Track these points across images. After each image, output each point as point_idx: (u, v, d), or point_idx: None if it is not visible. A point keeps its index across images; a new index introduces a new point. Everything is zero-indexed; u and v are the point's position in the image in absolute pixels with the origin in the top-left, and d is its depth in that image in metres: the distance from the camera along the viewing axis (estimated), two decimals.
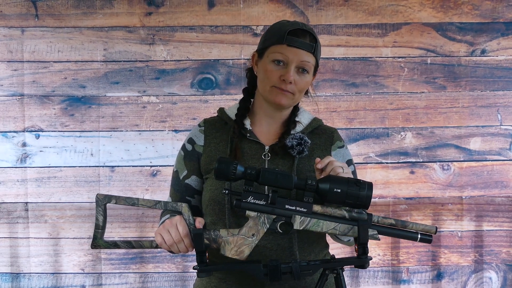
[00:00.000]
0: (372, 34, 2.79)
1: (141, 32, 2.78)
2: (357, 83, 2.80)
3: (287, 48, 1.52)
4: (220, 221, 1.56)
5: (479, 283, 2.82)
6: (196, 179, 1.63)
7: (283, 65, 1.53)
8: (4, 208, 2.77)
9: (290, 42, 1.51)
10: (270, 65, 1.54)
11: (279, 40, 1.53)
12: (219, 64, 2.80)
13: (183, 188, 1.63)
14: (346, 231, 1.41)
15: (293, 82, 1.52)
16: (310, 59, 1.54)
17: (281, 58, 1.52)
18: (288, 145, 1.56)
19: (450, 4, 2.79)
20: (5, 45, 2.76)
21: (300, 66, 1.53)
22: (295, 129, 1.62)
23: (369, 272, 2.81)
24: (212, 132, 1.64)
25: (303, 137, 1.56)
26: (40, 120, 2.77)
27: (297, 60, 1.52)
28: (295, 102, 1.61)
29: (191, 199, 1.63)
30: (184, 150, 1.66)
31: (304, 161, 1.58)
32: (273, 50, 1.54)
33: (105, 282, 2.79)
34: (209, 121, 1.68)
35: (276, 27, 1.58)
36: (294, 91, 1.54)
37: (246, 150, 1.59)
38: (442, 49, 2.80)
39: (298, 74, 1.54)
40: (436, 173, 2.81)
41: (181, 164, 1.65)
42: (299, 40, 1.52)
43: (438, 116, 2.81)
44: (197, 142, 1.64)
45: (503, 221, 2.82)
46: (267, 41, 1.57)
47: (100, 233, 1.43)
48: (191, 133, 1.67)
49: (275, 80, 1.53)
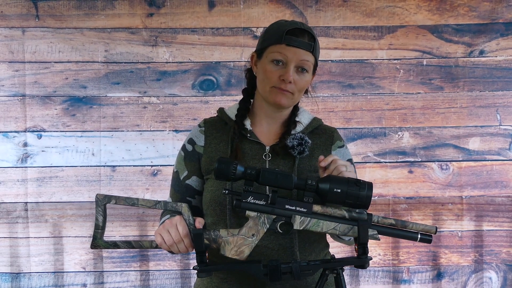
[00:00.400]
0: (368, 36, 2.81)
1: (144, 34, 2.78)
2: (354, 84, 2.81)
3: (286, 48, 1.51)
4: (221, 222, 1.56)
5: (479, 283, 2.83)
6: (197, 180, 1.62)
7: (282, 65, 1.52)
8: (4, 208, 2.77)
9: (288, 42, 1.51)
10: (269, 65, 1.53)
11: (277, 40, 1.52)
12: (220, 66, 2.80)
13: (184, 188, 1.63)
14: (346, 231, 1.41)
15: (292, 82, 1.52)
16: (309, 58, 1.53)
17: (280, 58, 1.51)
18: (288, 145, 1.55)
19: (446, 7, 2.80)
20: (6, 45, 2.77)
21: (299, 66, 1.52)
22: (295, 129, 1.61)
23: (369, 272, 2.82)
24: (212, 133, 1.63)
25: (304, 137, 1.56)
26: (42, 120, 2.78)
27: (296, 60, 1.51)
28: (295, 102, 1.60)
29: (192, 200, 1.63)
30: (184, 151, 1.65)
31: (305, 161, 1.58)
32: (272, 50, 1.53)
33: (107, 280, 2.79)
34: (209, 121, 1.67)
35: (274, 27, 1.57)
36: (294, 90, 1.54)
37: (246, 150, 1.59)
38: (438, 51, 2.81)
39: (298, 73, 1.53)
40: (435, 173, 2.81)
41: (181, 165, 1.64)
42: (298, 39, 1.51)
43: (436, 117, 2.81)
44: (198, 142, 1.63)
45: (503, 221, 2.82)
46: (266, 41, 1.56)
47: (100, 233, 1.43)
48: (191, 133, 1.67)
49: (275, 80, 1.52)
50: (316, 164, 1.51)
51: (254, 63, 1.61)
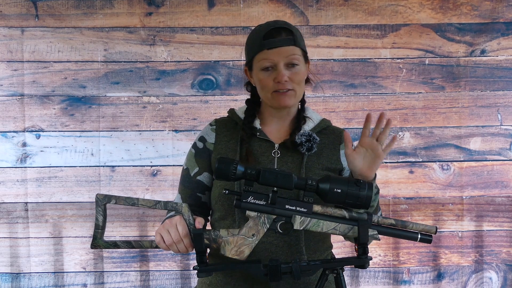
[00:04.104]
0: (371, 35, 2.80)
1: (142, 33, 2.78)
2: (356, 84, 2.80)
3: (269, 52, 1.55)
4: (229, 216, 1.57)
5: (480, 283, 2.82)
6: (208, 176, 1.64)
7: (272, 69, 1.55)
8: (4, 208, 2.77)
9: (269, 45, 1.54)
10: (261, 74, 1.57)
11: (259, 48, 1.56)
12: (220, 65, 2.80)
13: (195, 184, 1.64)
14: (346, 231, 1.42)
15: (288, 80, 1.54)
16: (294, 51, 1.56)
17: (267, 64, 1.55)
18: (297, 142, 1.58)
19: (449, 5, 2.80)
20: (5, 45, 2.77)
21: (288, 62, 1.55)
22: (305, 125, 1.63)
23: (369, 272, 2.82)
24: (223, 131, 1.66)
25: (312, 134, 1.58)
26: (40, 120, 2.78)
27: (282, 58, 1.54)
28: (299, 96, 1.62)
29: (202, 196, 1.64)
30: (195, 148, 1.67)
31: (313, 159, 1.60)
32: (258, 59, 1.57)
33: (107, 280, 2.79)
34: (220, 121, 1.70)
35: (253, 37, 1.61)
36: (293, 86, 1.56)
37: (256, 148, 1.61)
38: (440, 50, 2.80)
39: (290, 69, 1.55)
40: (436, 173, 2.81)
41: (192, 162, 1.66)
42: (276, 39, 1.55)
43: (437, 116, 2.81)
44: (208, 140, 1.66)
45: (503, 221, 2.82)
46: (250, 53, 1.61)
47: (100, 233, 1.43)
48: (202, 131, 1.69)
49: (272, 85, 1.55)
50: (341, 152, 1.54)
51: (249, 76, 1.65)
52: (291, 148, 1.59)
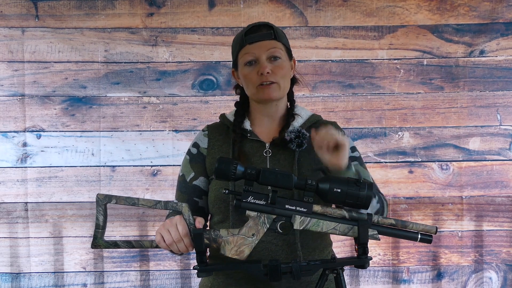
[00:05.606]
0: (369, 36, 2.81)
1: (144, 33, 2.78)
2: (354, 84, 2.81)
3: (250, 47, 1.59)
4: (226, 219, 1.58)
5: (479, 283, 2.82)
6: (204, 180, 1.65)
7: (255, 63, 1.58)
8: (4, 208, 2.77)
9: (250, 40, 1.59)
10: (245, 69, 1.60)
11: (241, 45, 1.61)
12: (220, 66, 2.80)
13: (191, 189, 1.65)
14: (346, 231, 1.42)
15: (270, 72, 1.56)
16: (275, 45, 1.59)
17: (250, 58, 1.59)
18: (286, 139, 1.58)
19: (446, 7, 2.80)
20: (5, 45, 2.77)
21: (270, 55, 1.58)
22: (294, 122, 1.64)
23: (369, 272, 2.82)
24: (215, 136, 1.67)
25: (301, 130, 1.58)
26: (41, 120, 2.78)
27: (264, 51, 1.58)
28: (284, 91, 1.63)
29: (199, 200, 1.65)
30: (189, 154, 1.68)
31: (305, 155, 1.60)
32: (241, 55, 1.61)
33: (107, 280, 2.79)
34: (212, 126, 1.72)
35: (236, 38, 1.66)
36: (277, 79, 1.58)
37: (248, 149, 1.61)
38: (438, 51, 2.81)
39: (272, 62, 1.58)
40: (435, 173, 2.81)
41: (187, 168, 1.67)
42: (256, 34, 1.59)
43: (436, 116, 2.81)
44: (201, 145, 1.67)
45: (503, 221, 2.82)
46: (234, 52, 1.66)
47: (101, 233, 1.43)
48: (196, 138, 1.71)
49: (255, 79, 1.58)
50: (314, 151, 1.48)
51: (236, 77, 1.69)
52: (282, 146, 1.60)
